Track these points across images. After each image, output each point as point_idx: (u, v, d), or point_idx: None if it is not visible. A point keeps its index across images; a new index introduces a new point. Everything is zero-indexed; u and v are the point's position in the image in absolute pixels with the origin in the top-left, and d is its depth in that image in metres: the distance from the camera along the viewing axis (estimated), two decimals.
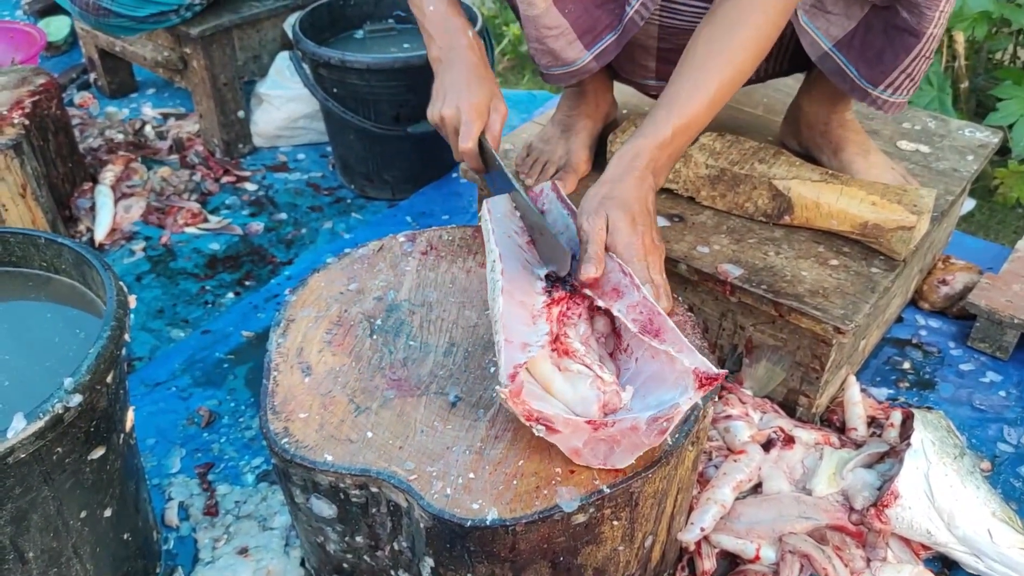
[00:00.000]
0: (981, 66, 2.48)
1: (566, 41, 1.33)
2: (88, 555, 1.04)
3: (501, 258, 1.07)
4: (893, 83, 1.30)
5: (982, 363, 1.61)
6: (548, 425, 0.92)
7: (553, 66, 1.38)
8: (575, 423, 0.91)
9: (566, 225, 1.18)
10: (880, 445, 1.33)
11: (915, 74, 1.30)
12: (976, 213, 2.20)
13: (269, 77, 2.29)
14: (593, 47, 1.34)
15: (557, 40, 1.33)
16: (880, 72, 1.30)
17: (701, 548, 1.22)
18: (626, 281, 1.04)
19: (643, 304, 1.01)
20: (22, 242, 1.13)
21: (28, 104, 1.82)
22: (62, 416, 0.89)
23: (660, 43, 1.40)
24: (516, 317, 1.00)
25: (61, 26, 2.89)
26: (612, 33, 1.32)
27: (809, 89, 1.50)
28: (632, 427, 0.92)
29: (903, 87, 1.31)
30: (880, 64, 1.29)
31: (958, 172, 1.58)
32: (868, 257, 1.37)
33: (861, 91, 1.32)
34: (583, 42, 1.33)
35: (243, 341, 1.70)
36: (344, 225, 2.08)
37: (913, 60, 1.27)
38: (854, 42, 1.29)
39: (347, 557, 1.06)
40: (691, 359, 0.93)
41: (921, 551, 1.24)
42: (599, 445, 0.93)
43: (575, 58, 1.35)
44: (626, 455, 0.93)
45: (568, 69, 1.37)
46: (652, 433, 0.91)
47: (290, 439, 0.98)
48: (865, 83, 1.31)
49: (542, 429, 0.92)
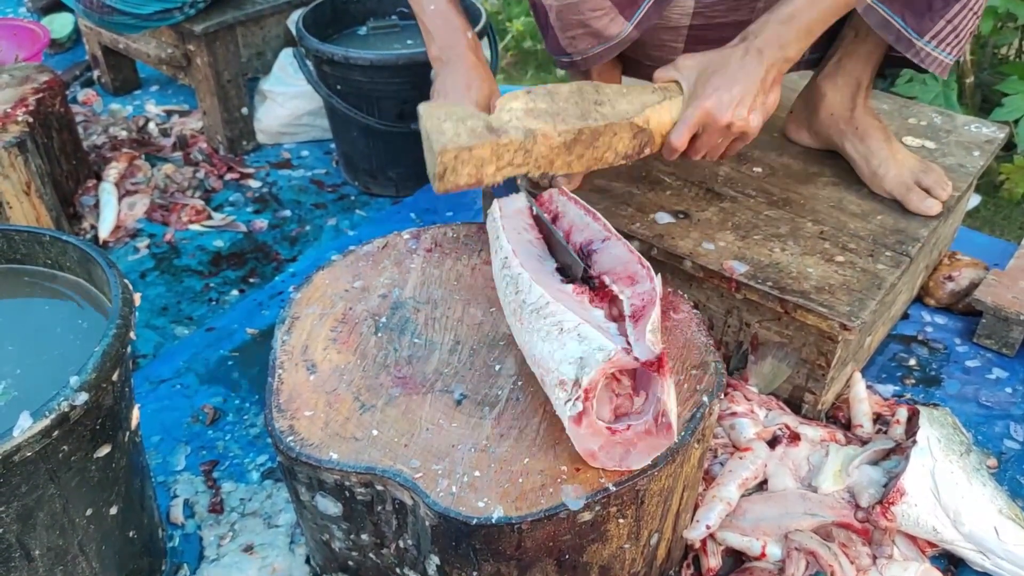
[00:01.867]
0: (987, 61, 2.47)
1: (609, 19, 1.33)
2: (94, 553, 1.04)
3: (516, 253, 1.07)
4: (939, 34, 1.29)
5: (988, 360, 1.60)
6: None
7: (593, 46, 1.37)
8: (595, 426, 0.91)
9: (586, 224, 1.17)
10: (886, 442, 1.33)
11: (961, 29, 1.29)
12: (982, 209, 2.19)
13: (273, 74, 2.29)
14: (633, 16, 1.34)
15: (601, 19, 1.33)
16: (928, 20, 1.28)
17: (707, 545, 1.22)
18: (643, 272, 1.04)
19: (649, 294, 1.01)
20: (27, 240, 1.13)
21: (32, 101, 1.82)
22: (68, 414, 0.89)
23: (693, 20, 1.40)
24: (568, 299, 1.01)
25: (65, 23, 2.89)
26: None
27: (833, 74, 1.48)
28: (646, 430, 0.92)
29: (948, 42, 1.30)
30: (929, 11, 1.28)
31: (964, 168, 1.58)
32: (874, 253, 1.37)
33: (907, 41, 1.30)
34: (624, 15, 1.34)
35: (248, 338, 1.70)
36: (348, 222, 2.08)
37: (960, 11, 1.27)
38: None
39: (352, 555, 1.06)
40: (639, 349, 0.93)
41: (927, 548, 1.24)
42: (615, 448, 0.93)
43: (617, 31, 1.35)
44: (643, 457, 0.93)
45: (608, 45, 1.37)
46: (662, 430, 0.91)
47: (295, 437, 0.98)
48: (911, 32, 1.30)
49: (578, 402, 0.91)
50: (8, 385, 1.01)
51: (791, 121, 1.60)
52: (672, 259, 1.38)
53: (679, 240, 1.40)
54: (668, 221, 1.44)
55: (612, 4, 1.32)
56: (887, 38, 1.31)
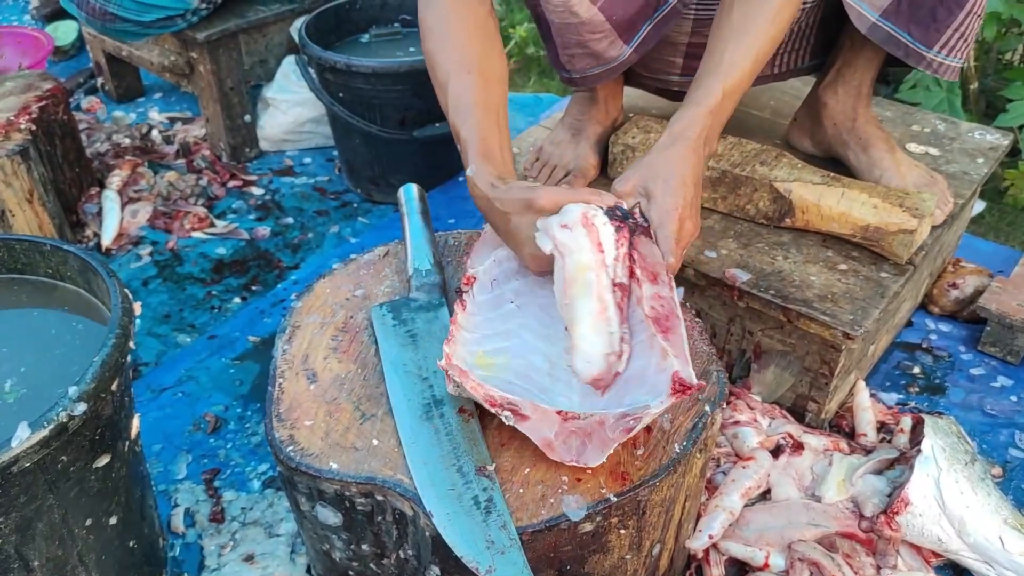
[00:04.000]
0: (991, 67, 2.46)
1: (608, 42, 1.33)
2: (94, 563, 1.04)
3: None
4: (947, 43, 1.29)
5: (993, 368, 1.59)
6: (515, 411, 0.92)
7: (592, 67, 1.38)
8: (543, 411, 0.92)
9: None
10: (890, 451, 1.32)
11: (968, 33, 1.29)
12: (986, 215, 2.18)
13: (275, 81, 2.29)
14: (632, 40, 1.34)
15: (600, 42, 1.33)
16: (934, 31, 1.28)
17: (709, 556, 1.21)
18: (666, 277, 1.03)
19: (669, 300, 1.00)
20: (27, 249, 1.13)
21: (35, 109, 1.83)
22: (66, 425, 0.88)
23: (691, 38, 1.40)
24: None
25: (69, 31, 2.91)
26: (649, 22, 1.33)
27: (834, 84, 1.47)
28: (600, 421, 0.91)
29: (957, 48, 1.30)
30: (934, 23, 1.27)
31: (968, 175, 1.57)
32: (878, 262, 1.36)
33: (916, 55, 1.30)
34: (623, 39, 1.34)
35: (249, 346, 1.70)
36: (351, 229, 2.08)
37: (966, 17, 1.26)
38: (901, 7, 1.28)
39: (353, 565, 1.06)
40: (680, 365, 0.92)
41: (932, 558, 1.23)
42: (571, 438, 0.93)
43: (616, 55, 1.35)
44: (596, 453, 0.92)
45: (608, 67, 1.37)
46: (617, 430, 0.91)
47: (295, 447, 0.97)
48: (919, 46, 1.29)
49: (510, 416, 0.92)
50: (7, 394, 1.01)
51: (794, 128, 1.59)
52: None
53: None
54: None
55: (612, 27, 1.31)
56: (897, 54, 1.31)
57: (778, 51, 1.43)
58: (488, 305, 1.09)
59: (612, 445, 0.92)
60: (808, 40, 1.43)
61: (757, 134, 1.62)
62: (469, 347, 1.02)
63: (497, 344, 1.04)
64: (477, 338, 1.04)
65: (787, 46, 1.43)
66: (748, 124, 1.69)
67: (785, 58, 1.46)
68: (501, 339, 1.05)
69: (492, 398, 0.92)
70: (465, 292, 1.09)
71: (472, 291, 1.09)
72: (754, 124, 1.70)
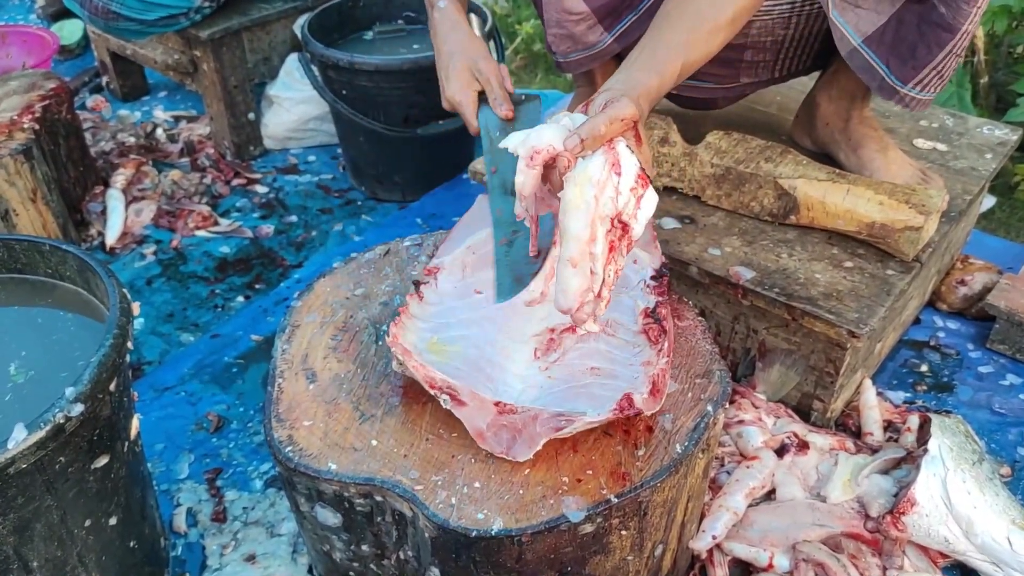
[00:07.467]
0: (1001, 61, 2.44)
1: (586, 26, 1.34)
2: (93, 563, 1.04)
3: None
4: (923, 80, 1.27)
5: (1002, 365, 1.57)
6: (454, 396, 0.94)
7: (572, 51, 1.39)
8: (481, 399, 0.93)
9: None
10: (896, 450, 1.30)
11: (945, 72, 1.27)
12: (996, 211, 2.16)
13: (279, 79, 2.29)
14: (614, 28, 1.34)
15: (578, 24, 1.34)
16: (912, 68, 1.26)
17: (713, 556, 1.20)
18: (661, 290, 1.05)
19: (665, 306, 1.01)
20: (27, 249, 1.13)
21: (38, 109, 1.83)
22: (63, 426, 0.88)
23: None
24: None
25: (74, 30, 2.91)
26: (633, 13, 1.32)
27: (829, 86, 1.47)
28: (533, 416, 0.92)
29: (932, 84, 1.28)
30: (913, 60, 1.26)
31: (976, 171, 1.55)
32: (884, 259, 1.35)
33: (890, 89, 1.28)
34: (603, 25, 1.34)
35: (252, 345, 1.69)
36: (354, 227, 2.07)
37: (945, 56, 1.25)
38: (884, 38, 1.26)
39: (354, 565, 1.05)
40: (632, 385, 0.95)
41: (939, 559, 1.22)
42: (502, 431, 0.94)
43: (596, 40, 1.36)
44: (524, 448, 0.93)
45: (588, 53, 1.38)
46: (548, 427, 0.92)
47: (294, 447, 0.97)
48: (895, 80, 1.28)
49: (448, 400, 0.94)
50: (6, 394, 1.01)
51: (796, 126, 1.59)
52: (678, 265, 1.36)
53: (685, 246, 1.38)
54: (674, 226, 1.42)
55: (591, 11, 1.32)
56: (871, 85, 1.29)
57: (779, 56, 1.43)
58: (456, 293, 1.12)
59: (540, 441, 0.92)
60: (812, 47, 1.42)
61: (763, 130, 1.61)
62: (422, 334, 1.06)
63: (457, 332, 1.06)
64: (433, 326, 1.07)
65: (789, 52, 1.42)
66: (754, 120, 1.68)
67: (787, 63, 1.45)
68: (462, 327, 1.07)
69: (432, 380, 0.95)
70: (425, 283, 1.12)
71: (435, 281, 1.13)
72: (760, 120, 1.68)
